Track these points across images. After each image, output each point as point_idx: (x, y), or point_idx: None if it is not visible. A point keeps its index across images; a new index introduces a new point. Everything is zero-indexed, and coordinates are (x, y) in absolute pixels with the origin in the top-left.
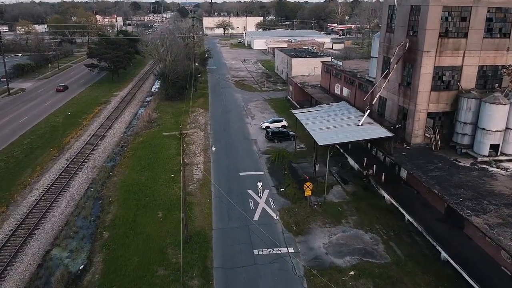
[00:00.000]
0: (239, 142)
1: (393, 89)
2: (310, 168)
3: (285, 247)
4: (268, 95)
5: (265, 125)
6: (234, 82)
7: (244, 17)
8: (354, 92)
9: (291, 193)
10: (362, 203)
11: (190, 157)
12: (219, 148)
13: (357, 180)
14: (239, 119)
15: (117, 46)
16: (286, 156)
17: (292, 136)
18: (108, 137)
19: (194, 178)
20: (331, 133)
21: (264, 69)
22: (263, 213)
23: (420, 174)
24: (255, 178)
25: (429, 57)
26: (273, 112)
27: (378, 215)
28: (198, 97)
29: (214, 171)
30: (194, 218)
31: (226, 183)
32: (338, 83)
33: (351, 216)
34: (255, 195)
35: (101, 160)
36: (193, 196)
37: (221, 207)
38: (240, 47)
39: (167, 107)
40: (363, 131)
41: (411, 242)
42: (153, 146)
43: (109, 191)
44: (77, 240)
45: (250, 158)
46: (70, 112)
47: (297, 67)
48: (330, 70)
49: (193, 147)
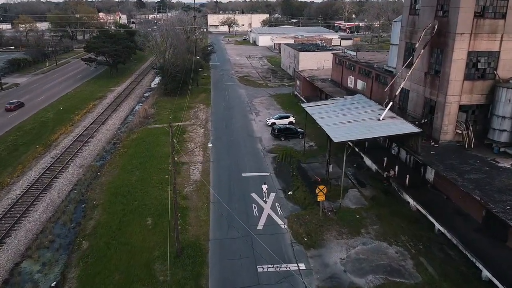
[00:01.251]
0: (242, 139)
1: (418, 79)
2: (321, 169)
3: (295, 263)
4: (274, 90)
5: (271, 122)
6: (238, 78)
7: (250, 15)
8: (370, 84)
9: (300, 197)
10: (383, 210)
11: (186, 156)
12: (220, 147)
13: (375, 183)
14: (242, 116)
15: (116, 40)
16: (294, 155)
17: (300, 133)
18: (100, 133)
19: (191, 179)
20: (347, 128)
21: (269, 64)
22: (268, 221)
23: (455, 176)
24: (259, 180)
25: (462, 40)
26: (280, 108)
27: (403, 224)
28: (200, 93)
29: (213, 171)
30: (188, 226)
31: (226, 185)
32: (352, 76)
33: (371, 225)
34: (259, 200)
35: (90, 159)
36: (189, 200)
37: (220, 213)
38: (245, 44)
39: (166, 103)
40: (385, 127)
41: (444, 258)
42: (148, 144)
43: (94, 193)
44: (52, 250)
45: (254, 157)
46: (63, 107)
47: (304, 61)
48: (342, 62)
49: (191, 144)
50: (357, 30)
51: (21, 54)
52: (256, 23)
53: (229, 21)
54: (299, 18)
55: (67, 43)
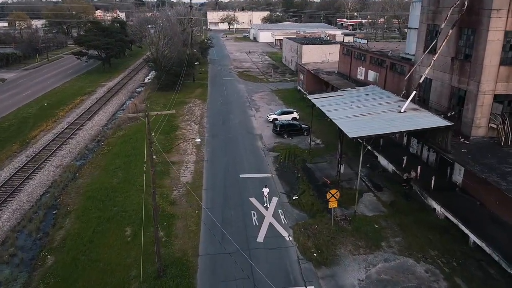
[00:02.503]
0: (241, 137)
1: (443, 66)
2: (330, 170)
3: (303, 286)
4: (275, 86)
5: (272, 118)
6: (237, 73)
7: (250, 12)
8: (383, 75)
9: (307, 202)
10: (405, 218)
11: (179, 155)
12: (216, 145)
13: (394, 186)
14: (241, 111)
15: (108, 33)
16: (298, 154)
17: (305, 130)
18: (84, 130)
19: (181, 181)
20: (363, 122)
21: (270, 60)
22: (270, 232)
23: (496, 179)
24: (259, 182)
25: (498, 18)
26: (281, 104)
27: (430, 235)
28: (196, 88)
29: (207, 172)
30: (172, 239)
31: (221, 188)
32: (362, 66)
33: (393, 237)
34: (259, 205)
35: (69, 158)
36: (177, 205)
37: (213, 222)
38: (245, 40)
39: (159, 98)
40: (408, 120)
41: (484, 277)
42: (135, 141)
43: (69, 197)
44: (11, 267)
45: (253, 157)
46: (48, 102)
47: (308, 54)
48: (351, 52)
49: (184, 143)
50: (359, 27)
51: (12, 50)
52: (256, 20)
53: (229, 18)
54: (300, 15)
55: (61, 39)
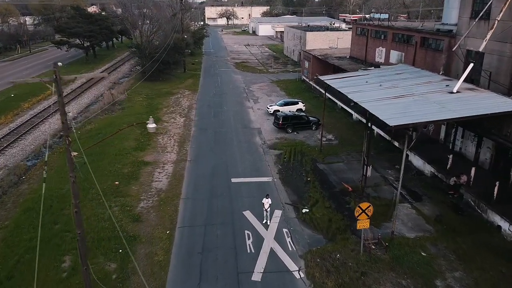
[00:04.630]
0: (235, 132)
1: (502, 35)
2: (349, 172)
3: None
4: (276, 76)
5: (274, 109)
6: (234, 64)
7: (249, 7)
8: (411, 54)
9: (323, 218)
10: (461, 240)
11: (156, 153)
12: (204, 142)
13: (436, 194)
14: (237, 103)
15: (93, 21)
16: (306, 152)
17: (313, 123)
18: (47, 124)
19: (153, 188)
20: (403, 106)
21: (270, 52)
22: (272, 263)
23: None
24: (257, 189)
25: None
26: (284, 95)
27: (503, 266)
28: (187, 78)
29: (189, 176)
30: (131, 274)
31: (206, 197)
32: (382, 47)
33: (450, 271)
34: (256, 222)
35: (20, 157)
36: (142, 223)
37: (191, 248)
38: (244, 34)
39: (143, 88)
40: (467, 103)
41: None
42: (104, 136)
43: (3, 209)
44: None
45: (250, 156)
46: (15, 93)
47: (312, 42)
48: (367, 31)
49: (164, 138)
50: None
51: None
52: (256, 15)
53: (227, 13)
54: (301, 10)
55: (49, 32)
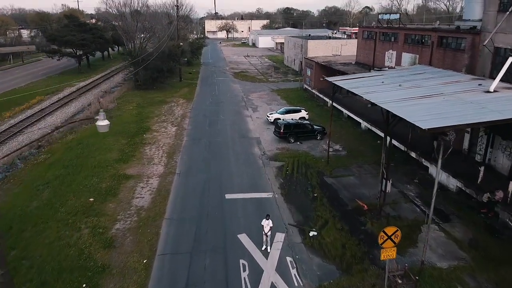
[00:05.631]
0: (231, 141)
1: None
2: (362, 187)
3: None
4: (276, 85)
5: (274, 118)
6: (233, 74)
7: (249, 21)
8: (427, 55)
9: (334, 243)
10: (504, 270)
11: (141, 166)
12: (196, 152)
13: (466, 213)
14: (234, 112)
15: (86, 29)
16: (311, 164)
17: (318, 132)
18: (26, 134)
19: (133, 205)
20: (434, 107)
21: (270, 62)
22: None
23: None
24: (255, 207)
25: None
26: (285, 103)
27: None
28: (182, 87)
29: (176, 191)
30: None
31: (194, 217)
32: (392, 50)
33: None
34: (254, 249)
35: None
36: (115, 249)
37: (172, 282)
38: (243, 46)
39: (135, 97)
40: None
41: None
42: (85, 147)
43: None
44: None
45: (247, 168)
46: None
47: (314, 50)
48: (375, 34)
49: (152, 149)
50: None
51: None
52: (256, 28)
53: (227, 26)
54: (301, 22)
55: (43, 43)
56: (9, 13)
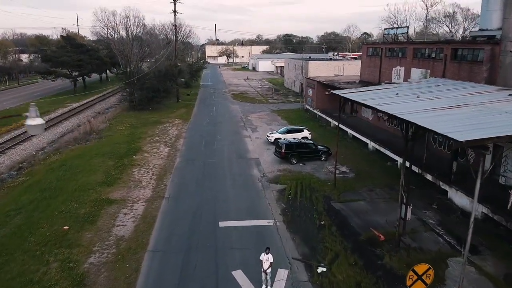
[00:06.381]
0: (228, 162)
1: None
2: (374, 213)
3: None
4: (276, 106)
5: (274, 137)
6: (232, 95)
7: (249, 46)
8: (440, 70)
9: (347, 281)
10: None
11: (127, 189)
12: (189, 174)
13: (496, 243)
14: (233, 132)
15: (84, 51)
16: (317, 187)
17: (323, 153)
18: (8, 155)
19: (112, 235)
20: (464, 118)
21: (270, 84)
22: None
23: None
24: (254, 237)
25: None
26: (286, 124)
27: None
28: (179, 108)
29: (163, 218)
30: None
31: (182, 249)
32: (399, 66)
33: None
34: None
35: None
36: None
37: None
38: (243, 70)
39: (129, 117)
40: None
41: None
42: (68, 169)
43: None
44: None
45: (245, 191)
46: None
47: (314, 71)
48: (381, 51)
49: (140, 171)
50: None
51: None
52: (256, 53)
53: (227, 51)
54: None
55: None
56: (11, 38)
